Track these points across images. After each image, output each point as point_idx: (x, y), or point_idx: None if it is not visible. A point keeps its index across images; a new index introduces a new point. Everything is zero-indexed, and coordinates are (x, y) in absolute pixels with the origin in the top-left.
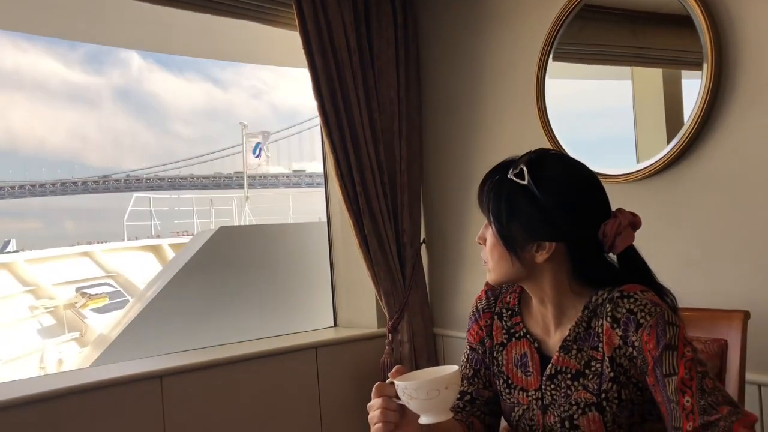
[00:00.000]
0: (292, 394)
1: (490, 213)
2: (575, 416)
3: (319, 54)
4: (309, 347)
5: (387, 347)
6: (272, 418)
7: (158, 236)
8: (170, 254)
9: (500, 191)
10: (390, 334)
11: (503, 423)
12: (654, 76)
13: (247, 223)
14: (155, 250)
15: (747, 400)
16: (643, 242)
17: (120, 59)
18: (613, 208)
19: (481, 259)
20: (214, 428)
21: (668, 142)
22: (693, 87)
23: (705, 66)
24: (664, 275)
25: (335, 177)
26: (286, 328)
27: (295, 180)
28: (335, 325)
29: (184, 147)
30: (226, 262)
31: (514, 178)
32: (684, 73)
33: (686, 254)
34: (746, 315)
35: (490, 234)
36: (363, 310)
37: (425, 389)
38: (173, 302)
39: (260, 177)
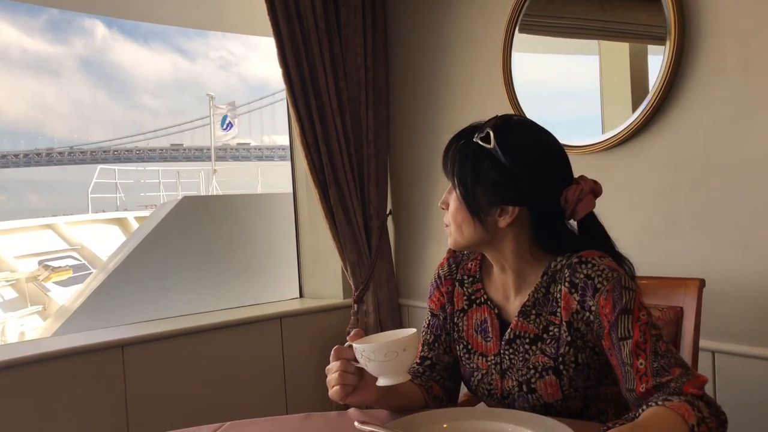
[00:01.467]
0: (256, 365)
1: (455, 177)
2: (533, 380)
3: (284, 20)
4: (274, 318)
5: (352, 318)
6: (236, 388)
7: (125, 209)
8: (136, 227)
9: (465, 155)
10: (355, 305)
11: (465, 389)
12: (621, 50)
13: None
14: (121, 222)
15: (700, 367)
16: (605, 212)
17: (83, 28)
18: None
19: (444, 226)
20: (176, 397)
21: (632, 113)
22: (659, 62)
23: (668, 40)
24: (624, 244)
25: (301, 147)
26: (251, 299)
27: (268, 153)
28: (301, 296)
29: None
30: (190, 233)
31: (480, 142)
32: (650, 48)
33: (646, 224)
34: (702, 283)
35: (453, 198)
36: (329, 281)
37: (383, 351)
38: (136, 273)
39: (231, 150)
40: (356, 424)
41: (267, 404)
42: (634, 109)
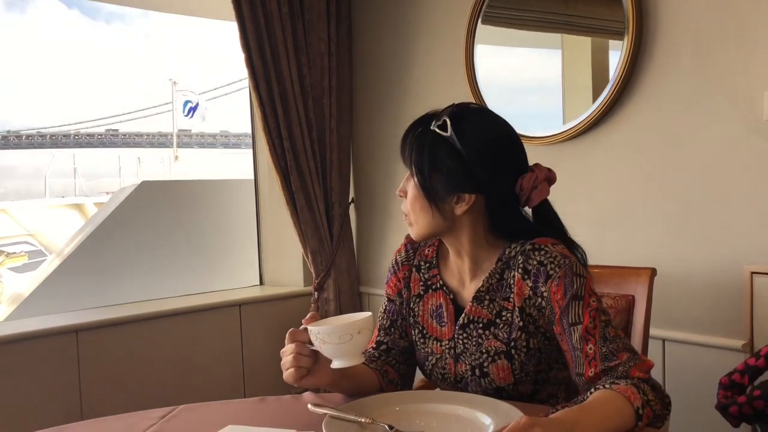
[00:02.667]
0: (214, 351)
1: (413, 165)
2: (485, 364)
3: (247, 3)
4: (233, 304)
5: (313, 305)
6: (193, 374)
7: (84, 195)
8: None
9: (423, 143)
10: (316, 293)
11: (421, 375)
12: (583, 44)
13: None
14: (79, 208)
15: (651, 354)
16: (563, 201)
17: (42, 8)
18: None
19: (403, 216)
20: (131, 383)
21: (593, 103)
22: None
23: (626, 35)
24: (581, 233)
25: (263, 132)
26: (210, 286)
27: (235, 141)
28: (261, 283)
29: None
30: (148, 218)
31: (437, 130)
32: (611, 43)
33: (602, 213)
34: (653, 272)
35: (411, 186)
36: (289, 269)
37: (338, 333)
38: (92, 258)
39: (197, 136)
40: (309, 406)
41: (225, 391)
42: (593, 102)
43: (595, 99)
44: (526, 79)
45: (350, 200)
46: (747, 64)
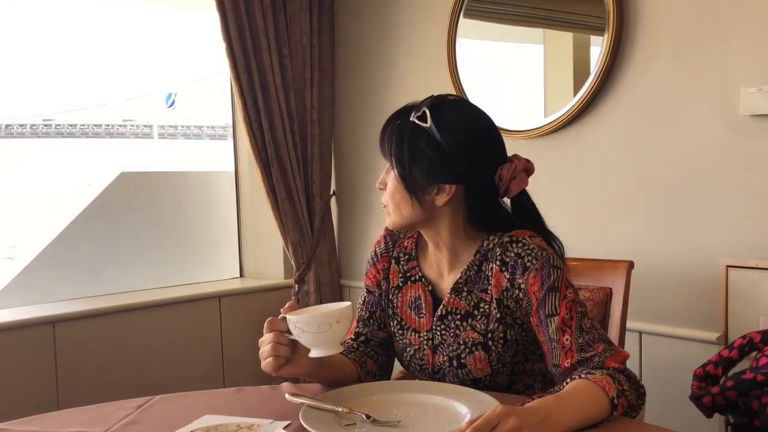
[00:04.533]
0: (193, 344)
1: (392, 156)
2: (462, 355)
3: None
4: (213, 297)
5: (293, 298)
6: (172, 366)
7: (63, 185)
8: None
9: (402, 134)
10: (296, 285)
11: (399, 367)
12: (565, 39)
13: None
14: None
15: (627, 347)
16: (544, 194)
17: None
18: None
19: (382, 207)
20: (109, 374)
21: (573, 97)
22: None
23: (607, 31)
24: (560, 226)
25: (243, 124)
26: (190, 278)
27: (221, 132)
28: (241, 275)
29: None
30: (127, 209)
31: (417, 121)
32: (593, 39)
33: (581, 206)
34: (630, 265)
35: (391, 178)
36: (270, 261)
37: (316, 323)
38: (70, 249)
39: (182, 128)
40: (287, 396)
41: (203, 382)
42: (574, 96)
43: (575, 93)
44: (507, 73)
45: (331, 193)
46: (724, 60)
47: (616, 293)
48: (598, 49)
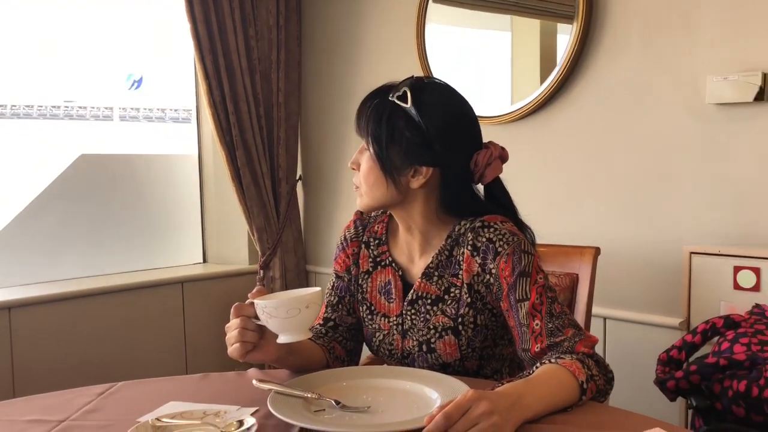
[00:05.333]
0: (155, 330)
1: (370, 135)
2: (432, 340)
3: None
4: (175, 282)
5: (258, 283)
6: (133, 353)
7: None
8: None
9: (381, 114)
10: (261, 271)
11: (368, 352)
12: (532, 26)
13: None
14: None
15: (592, 331)
16: (511, 181)
17: None
18: None
19: (354, 188)
20: (68, 361)
21: (540, 86)
22: (566, 40)
23: (576, 19)
24: (529, 213)
25: (208, 106)
26: (152, 263)
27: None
28: (204, 261)
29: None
30: (87, 192)
31: (396, 101)
32: (559, 26)
33: (549, 193)
34: (597, 251)
35: (366, 158)
36: (234, 246)
37: (285, 307)
38: (27, 233)
39: (144, 110)
40: (254, 382)
41: (166, 369)
42: (542, 83)
43: (542, 81)
44: (476, 59)
45: (298, 177)
46: (691, 48)
47: (583, 279)
48: (564, 36)
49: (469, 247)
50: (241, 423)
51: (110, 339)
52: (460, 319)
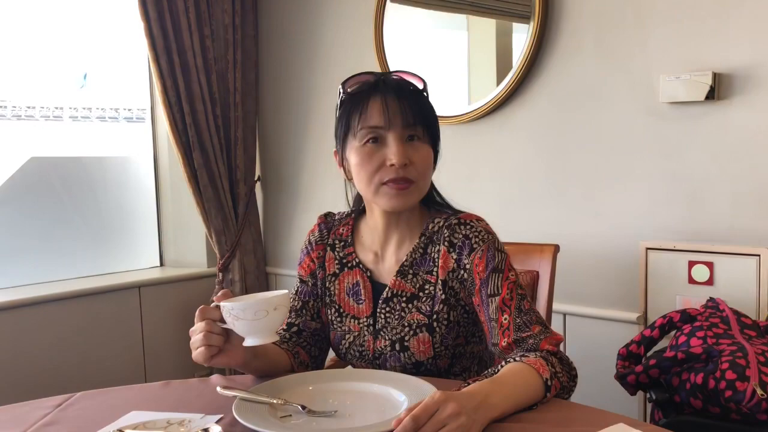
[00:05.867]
0: (112, 336)
1: (428, 126)
2: (406, 338)
3: None
4: (131, 287)
5: (217, 286)
6: (89, 361)
7: None
8: None
9: (429, 103)
10: (220, 274)
11: (331, 356)
12: (488, 26)
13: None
14: None
15: (553, 328)
16: (470, 180)
17: None
18: (446, 148)
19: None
20: (21, 375)
21: (497, 86)
22: (522, 39)
23: (533, 19)
24: (488, 212)
25: (163, 106)
26: (107, 268)
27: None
28: (161, 264)
29: None
30: (38, 197)
31: (424, 93)
32: (515, 26)
33: (508, 192)
34: (556, 248)
35: (423, 149)
36: (192, 249)
37: (253, 310)
38: None
39: (97, 110)
40: (218, 389)
41: (124, 376)
42: (498, 83)
43: (499, 81)
44: (434, 59)
45: (256, 178)
46: (644, 47)
47: (543, 276)
48: (520, 36)
49: (446, 244)
50: (206, 431)
51: (65, 348)
52: (434, 316)
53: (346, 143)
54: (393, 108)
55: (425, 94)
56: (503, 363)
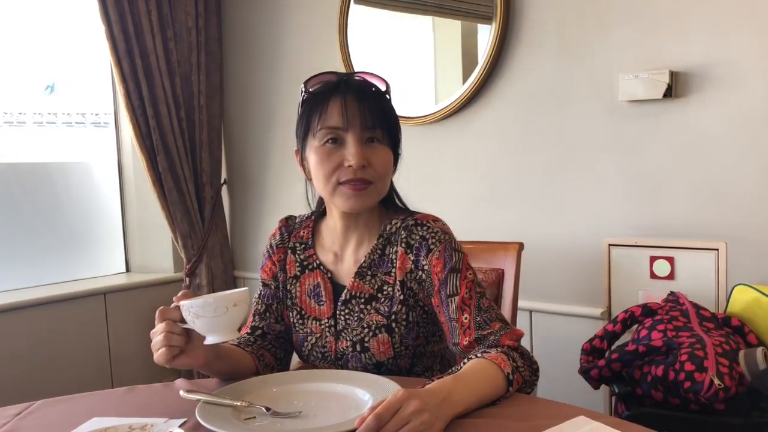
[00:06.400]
0: (77, 344)
1: (388, 127)
2: (366, 339)
3: None
4: (97, 293)
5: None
6: (54, 369)
7: None
8: None
9: (390, 105)
10: (187, 278)
11: (295, 360)
12: (453, 28)
13: None
14: None
15: (519, 325)
16: (436, 180)
17: None
18: (413, 148)
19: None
20: None
21: (462, 84)
22: (487, 40)
23: (495, 20)
24: (453, 211)
25: (126, 110)
26: (72, 275)
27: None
28: (127, 270)
29: None
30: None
31: (387, 95)
32: (480, 27)
33: (473, 191)
34: (520, 246)
35: (382, 151)
36: (157, 254)
37: (212, 306)
38: None
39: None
40: (182, 393)
41: (90, 384)
42: (464, 83)
43: (464, 80)
44: (400, 60)
45: (222, 181)
46: (604, 46)
47: (508, 274)
48: (484, 36)
49: (403, 245)
50: None
51: (30, 356)
52: (393, 317)
53: (306, 142)
54: (352, 109)
55: (387, 96)
56: (465, 361)
